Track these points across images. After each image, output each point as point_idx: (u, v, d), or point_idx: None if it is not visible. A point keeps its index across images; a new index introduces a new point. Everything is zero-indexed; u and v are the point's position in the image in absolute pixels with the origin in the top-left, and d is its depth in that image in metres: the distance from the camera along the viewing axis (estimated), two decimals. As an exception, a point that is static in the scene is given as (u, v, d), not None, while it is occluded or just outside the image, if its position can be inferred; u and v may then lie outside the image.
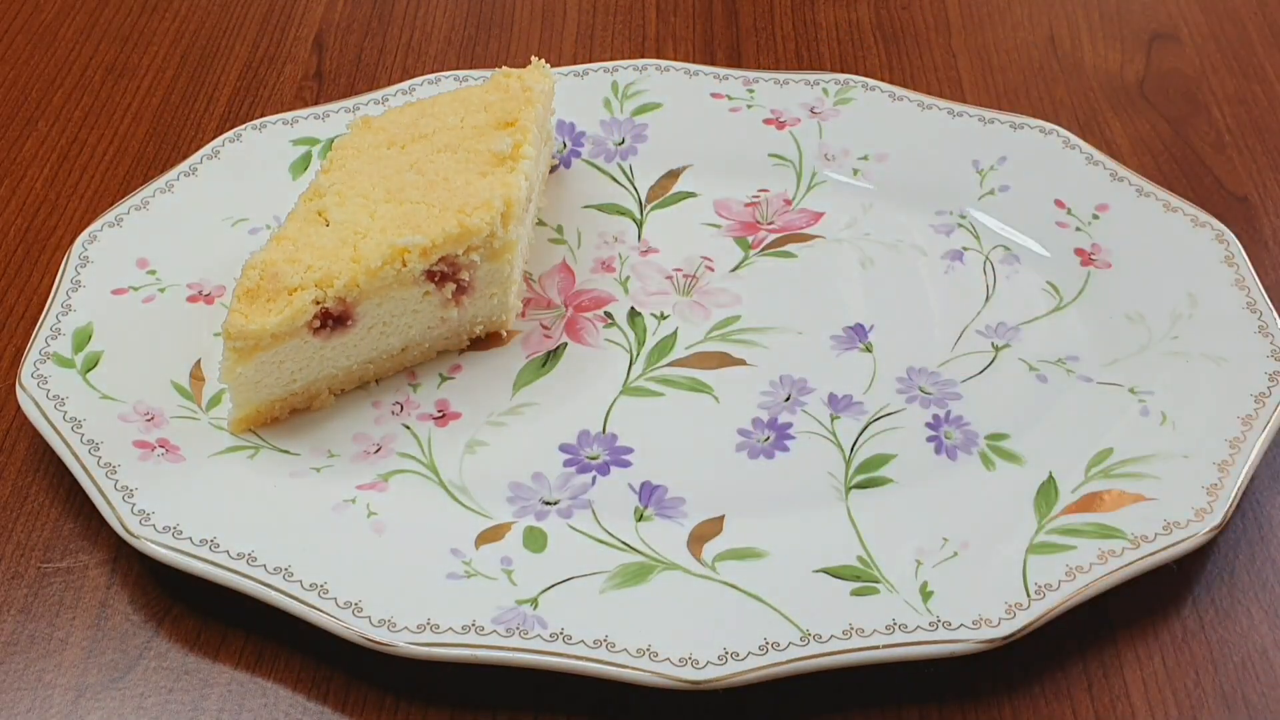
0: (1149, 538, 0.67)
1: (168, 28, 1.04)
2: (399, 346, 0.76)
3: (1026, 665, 0.65)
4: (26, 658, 0.66)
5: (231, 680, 0.65)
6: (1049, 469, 0.71)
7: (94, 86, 0.98)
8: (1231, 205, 0.87)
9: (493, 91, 0.83)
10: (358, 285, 0.73)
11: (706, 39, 1.01)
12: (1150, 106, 0.95)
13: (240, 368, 0.72)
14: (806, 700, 0.64)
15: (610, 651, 0.63)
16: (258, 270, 0.72)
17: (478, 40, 1.02)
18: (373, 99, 0.91)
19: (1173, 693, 0.64)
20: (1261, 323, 0.76)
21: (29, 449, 0.75)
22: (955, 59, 0.99)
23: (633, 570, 0.67)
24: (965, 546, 0.67)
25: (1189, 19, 1.02)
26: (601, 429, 0.75)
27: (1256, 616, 0.67)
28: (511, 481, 0.72)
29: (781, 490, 0.71)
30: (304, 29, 1.03)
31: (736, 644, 0.63)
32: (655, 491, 0.71)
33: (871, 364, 0.77)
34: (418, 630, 0.64)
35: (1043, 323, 0.79)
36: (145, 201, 0.84)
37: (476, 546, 0.68)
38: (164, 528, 0.67)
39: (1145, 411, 0.73)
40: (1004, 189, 0.85)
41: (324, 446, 0.74)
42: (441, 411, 0.76)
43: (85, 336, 0.76)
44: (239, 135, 0.88)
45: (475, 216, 0.74)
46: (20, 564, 0.70)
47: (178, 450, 0.72)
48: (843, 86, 0.91)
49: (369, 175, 0.78)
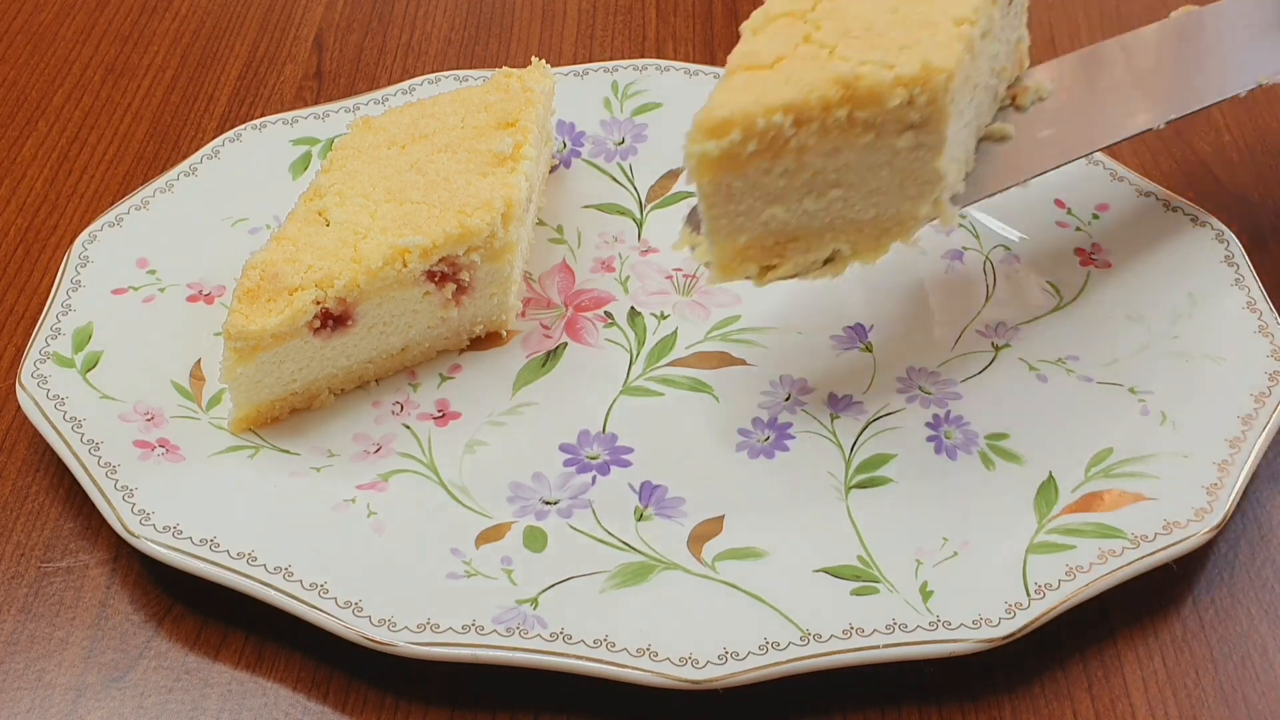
0: (1149, 537, 0.67)
1: (168, 28, 1.04)
2: (399, 346, 0.77)
3: (1026, 665, 0.65)
4: (26, 657, 0.66)
5: (231, 680, 0.65)
6: (1049, 469, 0.71)
7: (94, 86, 0.98)
8: (1231, 205, 0.87)
9: (493, 92, 0.83)
10: (358, 285, 0.73)
11: (706, 39, 1.01)
12: (1150, 106, 0.95)
13: (240, 368, 0.72)
14: (806, 700, 0.64)
15: (610, 651, 0.63)
16: (258, 270, 0.72)
17: (478, 40, 1.02)
18: (373, 99, 0.91)
19: (1173, 693, 0.64)
20: (1261, 323, 0.76)
21: (29, 449, 0.75)
22: (955, 59, 0.99)
23: (633, 570, 0.67)
24: (965, 546, 0.67)
25: (1189, 19, 1.02)
26: (601, 429, 0.75)
27: (1256, 616, 0.67)
28: (511, 481, 0.72)
29: (781, 490, 0.71)
30: (304, 29, 1.03)
31: (736, 644, 0.63)
32: (655, 491, 0.71)
33: (871, 364, 0.77)
34: (418, 630, 0.64)
35: (1043, 323, 0.79)
36: (145, 201, 0.84)
37: (476, 546, 0.68)
38: (164, 527, 0.67)
39: (1145, 411, 0.73)
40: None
41: (324, 446, 0.74)
42: (441, 411, 0.76)
43: (85, 336, 0.76)
44: (239, 135, 0.88)
45: (476, 217, 0.75)
46: (20, 564, 0.70)
47: (178, 450, 0.72)
48: (843, 86, 0.91)
49: (369, 175, 0.78)
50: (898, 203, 0.68)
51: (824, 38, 0.67)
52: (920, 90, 0.65)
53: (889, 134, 0.66)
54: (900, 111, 0.65)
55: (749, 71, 0.66)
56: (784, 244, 0.69)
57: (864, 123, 0.65)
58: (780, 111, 0.65)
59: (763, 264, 0.70)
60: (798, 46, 0.67)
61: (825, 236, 0.69)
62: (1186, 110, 0.78)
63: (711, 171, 0.66)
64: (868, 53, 0.66)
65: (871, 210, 0.68)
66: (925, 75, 0.64)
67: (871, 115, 0.65)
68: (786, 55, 0.67)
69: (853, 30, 0.67)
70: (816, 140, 0.66)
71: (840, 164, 0.67)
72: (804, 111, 0.65)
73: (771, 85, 0.65)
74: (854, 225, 0.69)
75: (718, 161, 0.66)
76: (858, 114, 0.65)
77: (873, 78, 0.65)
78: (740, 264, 0.70)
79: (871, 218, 0.69)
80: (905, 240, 0.69)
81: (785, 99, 0.65)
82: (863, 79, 0.65)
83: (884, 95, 0.65)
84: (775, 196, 0.67)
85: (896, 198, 0.68)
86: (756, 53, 0.67)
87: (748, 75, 0.66)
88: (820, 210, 0.68)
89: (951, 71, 0.65)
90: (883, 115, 0.65)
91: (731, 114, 0.65)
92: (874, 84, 0.64)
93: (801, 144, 0.66)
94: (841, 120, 0.65)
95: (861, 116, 0.65)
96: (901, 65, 0.65)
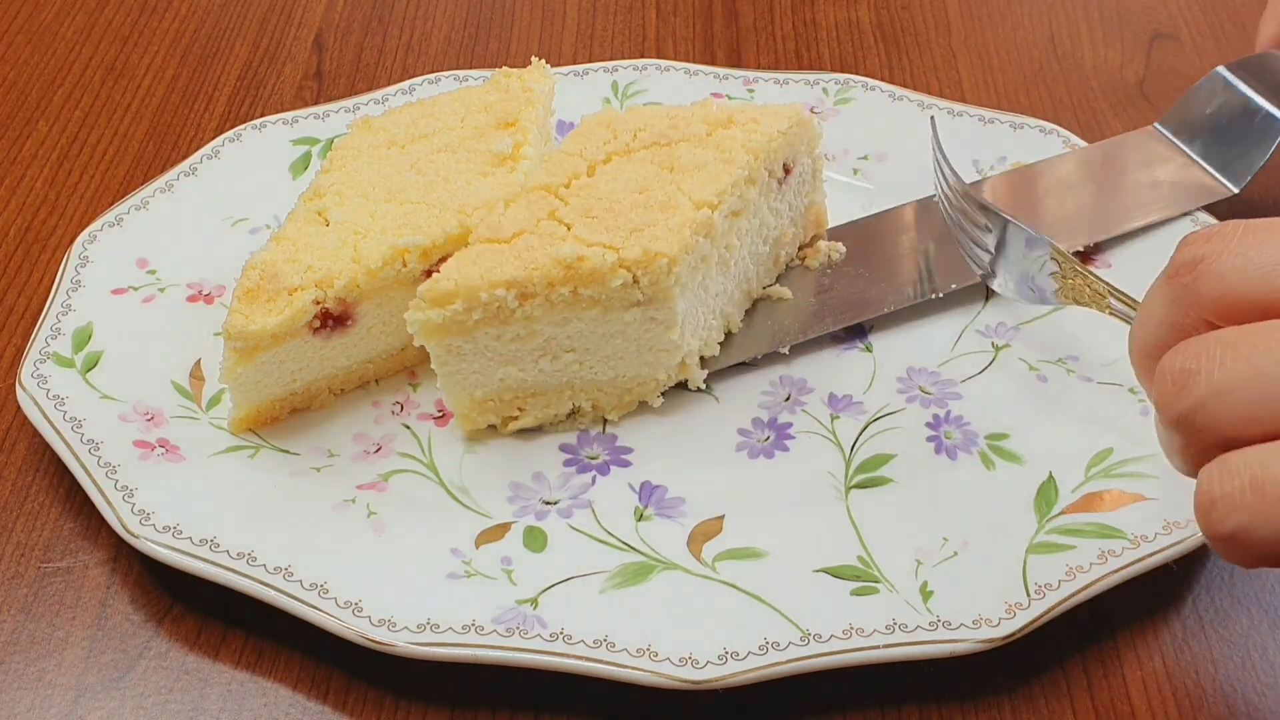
0: (1149, 538, 0.67)
1: (168, 28, 1.04)
2: (399, 346, 0.77)
3: (1026, 665, 0.65)
4: (26, 657, 0.66)
5: (231, 680, 0.65)
6: (1049, 469, 0.71)
7: (94, 86, 0.98)
8: (1231, 205, 0.87)
9: (493, 92, 0.83)
10: (358, 285, 0.73)
11: (706, 39, 1.01)
12: (1150, 106, 0.95)
13: (241, 368, 0.72)
14: (806, 700, 0.64)
15: (610, 651, 0.63)
16: (258, 270, 0.72)
17: (478, 40, 1.02)
18: (373, 99, 0.91)
19: (1173, 693, 0.64)
20: (1261, 323, 0.76)
21: (29, 449, 0.75)
22: (955, 59, 0.99)
23: (633, 570, 0.67)
24: (965, 546, 0.67)
25: (1189, 19, 1.02)
26: (601, 429, 0.75)
27: (1256, 616, 0.67)
28: (511, 481, 0.72)
29: (781, 490, 0.71)
30: (304, 29, 1.03)
31: (736, 644, 0.63)
32: (655, 491, 0.71)
33: (871, 364, 0.77)
34: (418, 630, 0.64)
35: (1043, 323, 0.79)
36: (145, 201, 0.84)
37: (476, 546, 0.68)
38: (164, 527, 0.67)
39: (1145, 411, 0.73)
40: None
41: (324, 446, 0.74)
42: (441, 411, 0.75)
43: (85, 336, 0.76)
44: (239, 135, 0.88)
45: (475, 217, 0.74)
46: (20, 564, 0.70)
47: (178, 450, 0.72)
48: (843, 86, 0.91)
49: (369, 175, 0.78)
50: (636, 366, 0.73)
51: (566, 215, 0.72)
52: (643, 273, 0.69)
53: (616, 309, 0.71)
54: (625, 291, 0.70)
55: (487, 244, 0.71)
56: (524, 398, 0.73)
57: (589, 299, 0.70)
58: (503, 286, 0.69)
59: (504, 415, 0.73)
60: (540, 222, 0.71)
61: (565, 394, 0.73)
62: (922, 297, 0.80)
63: (437, 335, 0.70)
64: (599, 234, 0.70)
65: (610, 372, 0.73)
66: (647, 260, 0.69)
67: (596, 293, 0.70)
68: (527, 230, 0.71)
69: (593, 210, 0.72)
70: (543, 312, 0.70)
71: (571, 332, 0.71)
72: (527, 287, 0.69)
73: (502, 260, 0.70)
74: (594, 384, 0.73)
75: (442, 327, 0.70)
76: (582, 291, 0.70)
77: (595, 260, 0.69)
78: (480, 414, 0.73)
79: (611, 378, 0.73)
80: (650, 399, 0.73)
81: (509, 275, 0.69)
82: (585, 260, 0.69)
83: (606, 276, 0.69)
84: (508, 359, 0.71)
85: (635, 362, 0.73)
86: (500, 225, 0.72)
87: (484, 248, 0.70)
88: (557, 370, 0.72)
89: (674, 256, 0.69)
90: (607, 293, 0.70)
91: (455, 286, 0.69)
92: (596, 266, 0.69)
93: (529, 314, 0.70)
94: (566, 296, 0.70)
95: (586, 294, 0.70)
96: (626, 249, 0.69)
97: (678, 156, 0.75)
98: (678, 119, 0.77)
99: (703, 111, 0.78)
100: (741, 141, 0.75)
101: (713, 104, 0.79)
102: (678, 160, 0.74)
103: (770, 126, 0.77)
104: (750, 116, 0.77)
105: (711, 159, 0.74)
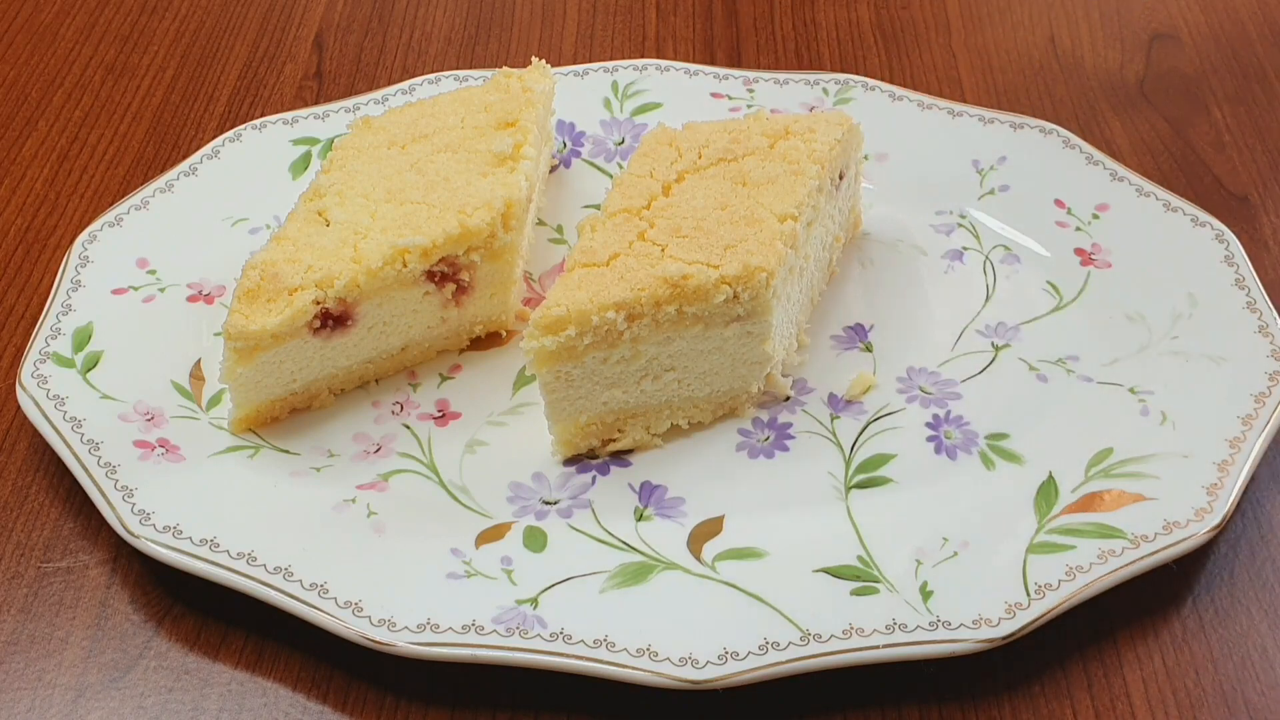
0: (1149, 537, 0.67)
1: (168, 28, 1.04)
2: (399, 346, 0.76)
3: (1026, 665, 0.65)
4: (26, 657, 0.66)
5: (231, 680, 0.65)
6: (1049, 469, 0.71)
7: (94, 86, 0.98)
8: (1231, 205, 0.87)
9: (493, 92, 0.83)
10: (358, 285, 0.73)
11: (706, 39, 1.01)
12: (1150, 106, 0.95)
13: (241, 368, 0.72)
14: (806, 700, 0.64)
15: (610, 651, 0.63)
16: (258, 270, 0.72)
17: (478, 40, 1.02)
18: (373, 99, 0.91)
19: (1173, 693, 0.64)
20: (1261, 323, 0.76)
21: (29, 449, 0.75)
22: (955, 59, 0.99)
23: (633, 570, 0.67)
24: (965, 546, 0.67)
25: (1189, 19, 1.02)
26: (601, 429, 0.75)
27: (1256, 616, 0.67)
28: (511, 481, 0.72)
29: (781, 490, 0.71)
30: (304, 29, 1.03)
31: (736, 644, 0.63)
32: (655, 491, 0.71)
33: (871, 364, 0.77)
34: (418, 630, 0.64)
35: (1043, 323, 0.79)
36: (145, 201, 0.84)
37: (476, 546, 0.68)
38: (164, 528, 0.67)
39: (1145, 411, 0.73)
40: (1004, 189, 0.85)
41: (324, 446, 0.74)
42: (441, 411, 0.76)
43: (85, 336, 0.76)
44: (239, 135, 0.88)
45: (476, 217, 0.74)
46: (20, 564, 0.70)
47: (178, 450, 0.72)
48: (843, 86, 0.91)
49: (369, 175, 0.78)
50: (730, 381, 0.74)
51: (656, 236, 0.72)
52: (744, 288, 0.70)
53: (717, 325, 0.72)
54: (726, 307, 0.71)
55: (585, 269, 0.71)
56: (624, 420, 0.73)
57: (693, 316, 0.71)
58: (613, 308, 0.69)
59: (604, 438, 0.73)
60: (632, 244, 0.72)
61: (663, 413, 0.74)
62: None
63: (550, 363, 0.70)
64: (694, 252, 0.71)
65: (707, 388, 0.73)
66: (747, 275, 0.70)
67: (699, 310, 0.71)
68: (621, 252, 0.72)
69: (682, 229, 0.73)
70: (649, 332, 0.71)
71: (673, 350, 0.72)
72: (635, 308, 0.70)
73: (605, 283, 0.70)
74: (690, 402, 0.74)
75: (555, 354, 0.70)
76: (686, 309, 0.70)
77: (699, 278, 0.70)
78: (582, 439, 0.73)
79: (707, 394, 0.74)
80: (741, 412, 0.75)
81: (617, 297, 0.70)
82: (690, 279, 0.70)
83: (710, 293, 0.70)
84: (612, 381, 0.72)
85: (729, 377, 0.74)
86: (594, 250, 0.72)
87: (584, 272, 0.71)
88: (658, 390, 0.73)
89: (772, 270, 0.70)
90: (710, 310, 0.71)
91: (568, 311, 0.69)
92: (700, 284, 0.70)
93: (635, 335, 0.70)
94: (671, 315, 0.70)
95: (690, 311, 0.71)
96: (725, 265, 0.71)
97: (747, 171, 0.75)
98: (736, 133, 0.78)
99: (758, 124, 0.78)
100: (805, 152, 0.76)
101: (765, 115, 0.80)
102: (748, 174, 0.75)
103: (826, 135, 0.78)
104: (805, 126, 0.78)
105: (781, 171, 0.75)
